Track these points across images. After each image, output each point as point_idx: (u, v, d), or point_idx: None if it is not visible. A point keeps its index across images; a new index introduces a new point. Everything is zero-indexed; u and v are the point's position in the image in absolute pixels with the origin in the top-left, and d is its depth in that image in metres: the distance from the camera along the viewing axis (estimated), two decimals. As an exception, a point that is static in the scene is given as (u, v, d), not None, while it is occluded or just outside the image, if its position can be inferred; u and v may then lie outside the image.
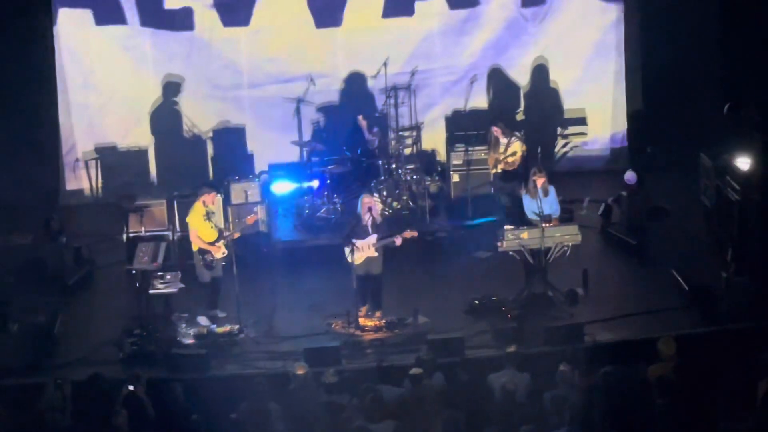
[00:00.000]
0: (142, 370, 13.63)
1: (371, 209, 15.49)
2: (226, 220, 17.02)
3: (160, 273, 15.64)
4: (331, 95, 20.23)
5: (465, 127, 19.89)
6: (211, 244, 15.70)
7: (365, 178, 18.51)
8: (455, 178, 18.90)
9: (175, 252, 17.25)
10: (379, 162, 18.57)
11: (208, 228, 15.72)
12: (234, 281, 15.50)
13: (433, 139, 20.38)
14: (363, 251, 15.30)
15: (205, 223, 15.70)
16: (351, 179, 18.58)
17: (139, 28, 19.87)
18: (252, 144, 20.33)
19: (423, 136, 19.94)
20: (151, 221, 17.78)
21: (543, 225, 15.59)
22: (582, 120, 20.64)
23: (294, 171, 19.63)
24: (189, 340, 15.22)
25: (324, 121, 20.20)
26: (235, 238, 15.93)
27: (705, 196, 18.12)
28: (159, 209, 17.99)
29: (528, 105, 20.53)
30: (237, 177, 18.37)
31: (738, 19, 19.33)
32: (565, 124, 20.63)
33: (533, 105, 20.53)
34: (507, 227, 15.78)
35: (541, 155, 19.91)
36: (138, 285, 15.71)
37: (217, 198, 16.45)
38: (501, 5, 20.14)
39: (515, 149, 18.52)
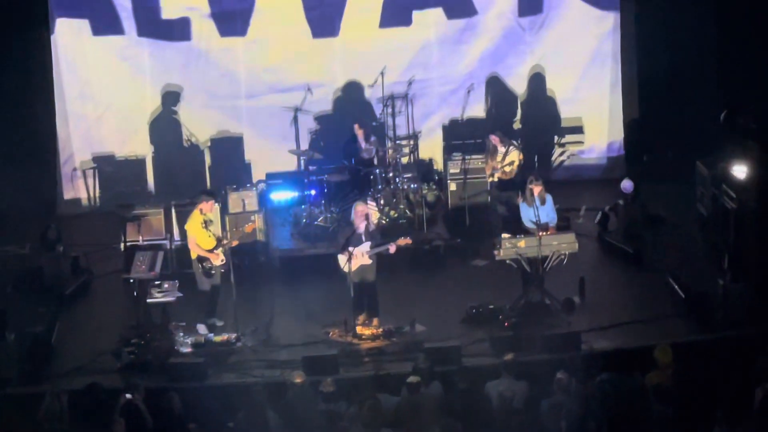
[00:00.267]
0: (139, 379, 13.61)
1: (368, 217, 15.51)
2: (223, 228, 17.02)
3: (157, 282, 15.65)
4: (329, 104, 20.25)
5: (462, 136, 19.94)
6: (210, 251, 15.70)
7: (362, 186, 18.51)
8: (452, 186, 18.91)
9: (173, 261, 17.24)
10: (377, 171, 18.58)
11: (205, 236, 15.72)
12: (231, 290, 15.50)
13: (431, 148, 20.41)
14: (357, 258, 15.32)
15: (203, 231, 15.71)
16: (348, 188, 18.57)
17: (137, 38, 19.87)
18: (249, 153, 20.34)
19: (420, 144, 19.97)
20: (149, 230, 17.81)
21: (540, 233, 15.56)
22: (579, 128, 20.66)
23: (291, 180, 19.67)
24: (186, 349, 15.19)
25: (321, 130, 20.21)
26: (233, 246, 15.94)
27: (701, 204, 18.16)
28: (156, 218, 18.01)
29: (525, 113, 20.54)
30: (234, 186, 18.38)
31: (734, 28, 19.37)
32: (562, 132, 20.65)
33: (530, 113, 20.55)
34: (504, 236, 15.74)
35: (538, 164, 20.03)
36: (135, 294, 15.70)
37: (215, 206, 16.45)
38: (498, 15, 20.17)
39: (512, 158, 18.58)
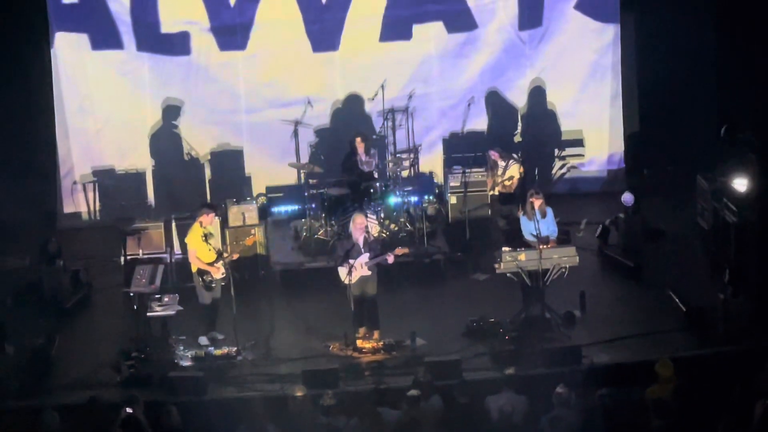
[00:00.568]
0: (139, 392, 13.54)
1: (367, 229, 15.50)
2: (223, 242, 17.02)
3: (157, 295, 15.64)
4: (329, 118, 20.23)
5: (462, 150, 19.92)
6: (210, 265, 15.70)
7: (362, 200, 18.51)
8: (452, 200, 18.90)
9: (173, 274, 17.23)
10: (377, 184, 18.57)
11: (206, 249, 15.72)
12: (232, 303, 15.48)
13: (431, 161, 20.41)
14: (357, 270, 15.31)
15: (203, 245, 15.71)
16: (348, 201, 18.58)
17: (136, 52, 19.83)
18: (249, 166, 20.33)
19: (421, 158, 19.95)
20: (149, 244, 17.79)
21: (540, 247, 15.55)
22: (579, 141, 20.66)
23: (291, 193, 19.66)
24: (187, 362, 15.18)
25: (321, 144, 20.21)
26: (234, 259, 15.94)
27: (702, 218, 18.17)
28: (157, 232, 17.99)
29: (525, 127, 20.54)
30: (235, 199, 18.37)
31: (734, 42, 19.38)
32: (563, 145, 20.65)
33: (531, 127, 20.54)
34: (504, 249, 15.74)
35: (539, 177, 20.00)
36: (135, 307, 15.69)
37: (215, 219, 16.44)
38: (498, 28, 20.18)
39: (512, 173, 18.61)
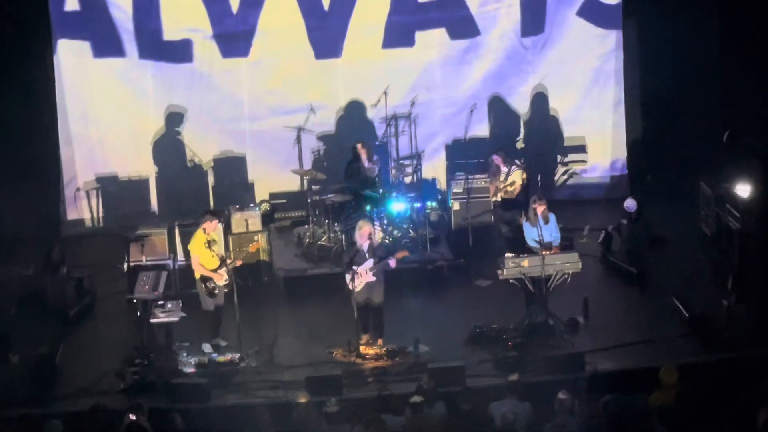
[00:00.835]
0: (143, 399, 13.53)
1: (371, 236, 15.52)
2: (227, 248, 17.02)
3: (161, 302, 15.63)
4: (332, 125, 20.23)
5: (465, 156, 19.93)
6: (213, 271, 15.71)
7: (365, 206, 18.51)
8: (455, 206, 18.92)
9: (176, 281, 17.23)
10: (380, 190, 18.57)
11: (209, 256, 15.73)
12: (235, 310, 15.48)
13: (434, 168, 20.42)
14: (361, 277, 15.31)
15: (207, 251, 15.72)
16: (351, 208, 18.58)
17: (138, 60, 19.79)
18: (253, 173, 20.34)
19: (423, 164, 19.97)
20: (152, 250, 17.76)
21: (543, 253, 15.56)
22: (582, 148, 20.67)
23: (295, 200, 19.67)
24: (190, 369, 15.18)
25: (324, 150, 20.22)
26: (237, 266, 15.95)
27: (705, 224, 18.17)
28: (160, 238, 17.95)
29: (528, 133, 20.56)
30: (238, 206, 18.38)
31: (737, 47, 19.38)
32: (565, 151, 20.66)
33: (533, 133, 20.56)
34: (507, 255, 15.74)
35: (542, 183, 19.99)
36: (139, 314, 15.69)
37: (219, 226, 16.45)
38: (501, 35, 20.19)
39: (515, 178, 18.61)
